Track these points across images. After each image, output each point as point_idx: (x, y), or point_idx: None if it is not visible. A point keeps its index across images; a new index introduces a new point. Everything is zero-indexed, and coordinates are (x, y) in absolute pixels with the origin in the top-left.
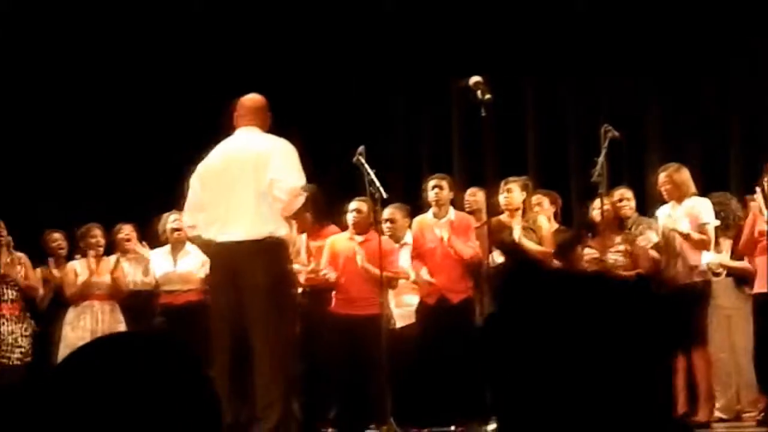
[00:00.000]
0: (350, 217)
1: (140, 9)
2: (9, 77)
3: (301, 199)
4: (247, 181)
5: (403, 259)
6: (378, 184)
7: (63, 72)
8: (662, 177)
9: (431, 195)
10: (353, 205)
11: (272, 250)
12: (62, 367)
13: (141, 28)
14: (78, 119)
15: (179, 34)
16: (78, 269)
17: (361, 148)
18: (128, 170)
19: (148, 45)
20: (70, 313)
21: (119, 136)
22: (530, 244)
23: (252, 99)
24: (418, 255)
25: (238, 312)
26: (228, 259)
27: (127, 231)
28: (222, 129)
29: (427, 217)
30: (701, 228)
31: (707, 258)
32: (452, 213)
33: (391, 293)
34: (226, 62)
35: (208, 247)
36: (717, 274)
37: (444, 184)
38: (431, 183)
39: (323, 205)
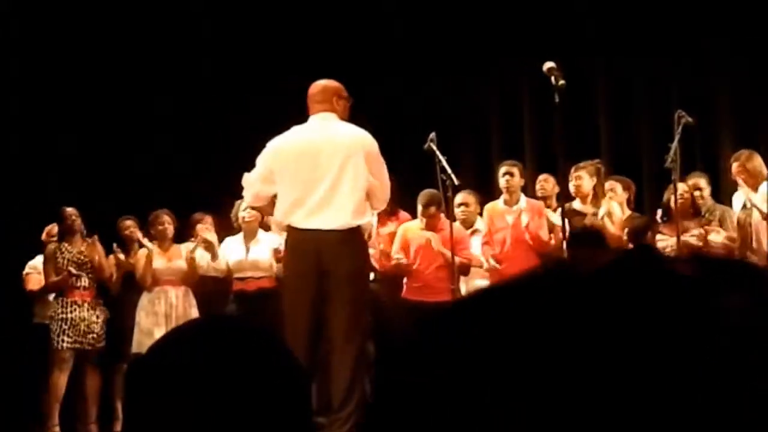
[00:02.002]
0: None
1: (137, 40)
2: (89, 66)
3: (389, 196)
4: (337, 170)
5: (475, 246)
6: (450, 171)
7: (59, 94)
8: (735, 166)
9: (502, 182)
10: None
11: (356, 240)
12: (157, 351)
13: (137, 57)
14: (78, 142)
15: (178, 63)
16: (149, 254)
17: (432, 135)
18: (203, 158)
19: (145, 73)
20: (144, 299)
21: (192, 125)
22: (610, 226)
23: (325, 84)
24: (488, 242)
25: (318, 299)
26: (313, 246)
27: (209, 221)
28: (297, 116)
29: (498, 204)
30: None
31: None
32: (523, 200)
33: (462, 280)
34: (229, 93)
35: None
36: None
37: (515, 170)
38: (502, 170)
39: (394, 193)
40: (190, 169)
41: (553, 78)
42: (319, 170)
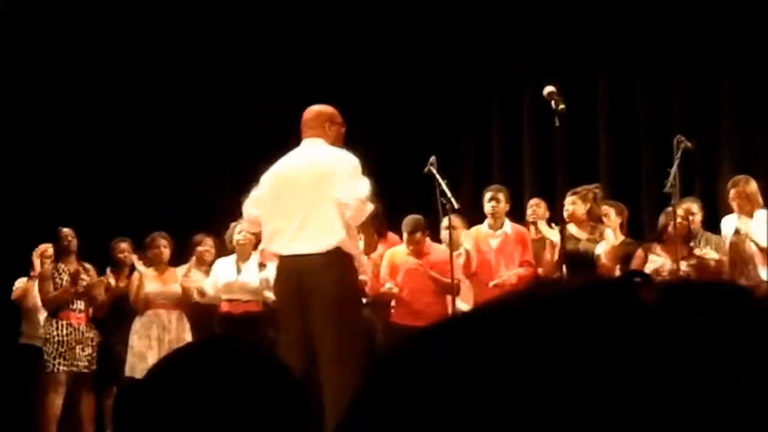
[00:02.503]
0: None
1: (137, 40)
2: (79, 84)
3: (369, 207)
4: (311, 195)
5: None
6: (449, 194)
7: (59, 94)
8: (733, 192)
9: (487, 207)
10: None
11: (340, 262)
12: (155, 375)
13: (137, 57)
14: (78, 142)
15: (178, 63)
16: (143, 277)
17: (432, 158)
18: (125, 195)
19: (145, 73)
20: (137, 323)
21: (192, 125)
22: (600, 252)
23: (312, 110)
24: (466, 264)
25: (307, 325)
26: (295, 271)
27: (209, 244)
28: (296, 116)
29: (483, 228)
30: None
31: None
32: (508, 226)
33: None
34: (229, 93)
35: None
36: None
37: (500, 196)
38: (488, 195)
39: (381, 218)
40: (190, 169)
41: (553, 102)
42: (297, 196)
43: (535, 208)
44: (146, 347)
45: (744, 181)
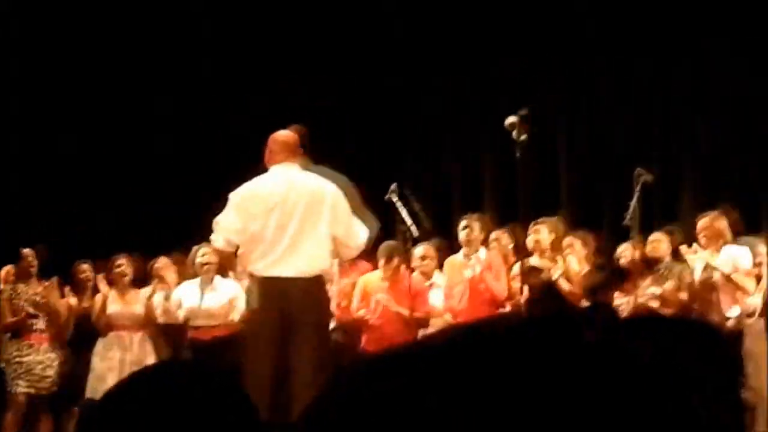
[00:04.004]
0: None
1: (137, 40)
2: (35, 106)
3: (362, 248)
4: (303, 221)
5: (435, 298)
6: (410, 222)
7: (59, 94)
8: (702, 223)
9: (461, 235)
10: (420, 251)
11: (320, 289)
12: (112, 397)
13: (137, 57)
14: (77, 142)
15: (178, 63)
16: (106, 298)
17: (393, 186)
18: (165, 201)
19: (145, 73)
20: (99, 344)
21: (154, 167)
22: (565, 285)
23: (284, 135)
24: (448, 295)
25: (283, 346)
26: (278, 294)
27: (165, 262)
28: (256, 162)
29: (458, 257)
30: (742, 274)
31: (737, 310)
32: (483, 253)
33: (422, 332)
34: (229, 93)
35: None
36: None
37: (474, 224)
38: (462, 223)
39: None
40: (189, 170)
41: (514, 133)
42: (283, 220)
43: (495, 242)
44: (107, 369)
45: (715, 216)
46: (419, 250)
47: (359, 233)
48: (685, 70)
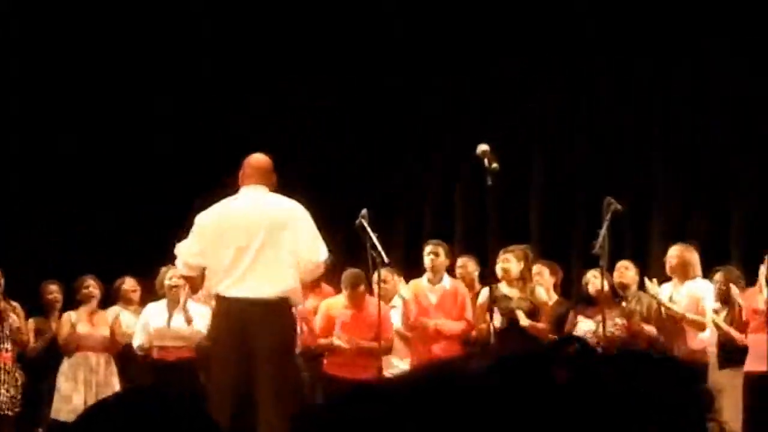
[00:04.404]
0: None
1: (137, 40)
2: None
3: (321, 269)
4: (269, 243)
5: (394, 319)
6: (380, 248)
7: (59, 94)
8: (673, 251)
9: (427, 261)
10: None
11: (283, 310)
12: (81, 424)
13: (137, 57)
14: (77, 142)
15: (178, 63)
16: (73, 320)
17: (363, 212)
18: (131, 222)
19: (145, 73)
20: (65, 365)
21: (117, 162)
22: (525, 321)
23: (259, 159)
24: (406, 314)
25: (245, 368)
26: (238, 315)
27: (131, 284)
28: (223, 184)
29: (422, 282)
30: (700, 310)
31: (704, 336)
32: (447, 281)
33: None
34: (229, 93)
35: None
36: None
37: (440, 251)
38: (427, 249)
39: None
40: (116, 233)
41: (486, 161)
42: (245, 240)
43: (461, 269)
44: (72, 390)
45: (686, 247)
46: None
47: (321, 248)
48: (685, 70)
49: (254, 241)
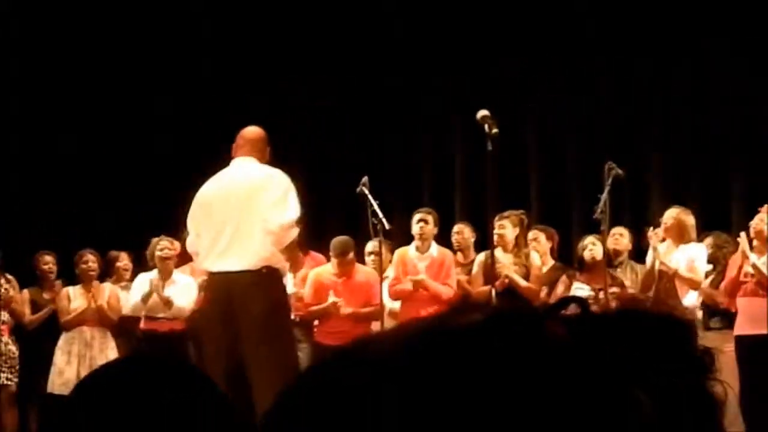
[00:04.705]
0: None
1: (137, 40)
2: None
3: (294, 232)
4: (243, 212)
5: (386, 292)
6: (381, 215)
7: (59, 94)
8: (669, 214)
9: (415, 228)
10: (370, 246)
11: (268, 281)
12: (79, 391)
13: (137, 57)
14: (77, 142)
15: (178, 63)
16: (71, 295)
17: (364, 179)
18: (125, 195)
19: (145, 73)
20: (62, 339)
21: (117, 162)
22: (518, 279)
23: (251, 131)
24: (394, 285)
25: (234, 342)
26: (224, 288)
27: (126, 260)
28: (221, 157)
29: (410, 250)
30: (693, 269)
31: (693, 298)
32: (434, 249)
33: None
34: (229, 93)
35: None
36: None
37: (429, 218)
38: (416, 217)
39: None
40: (112, 205)
41: (486, 126)
42: (226, 213)
43: (457, 235)
44: (66, 363)
45: (683, 210)
46: (370, 246)
47: (288, 210)
48: (686, 70)
49: (232, 214)
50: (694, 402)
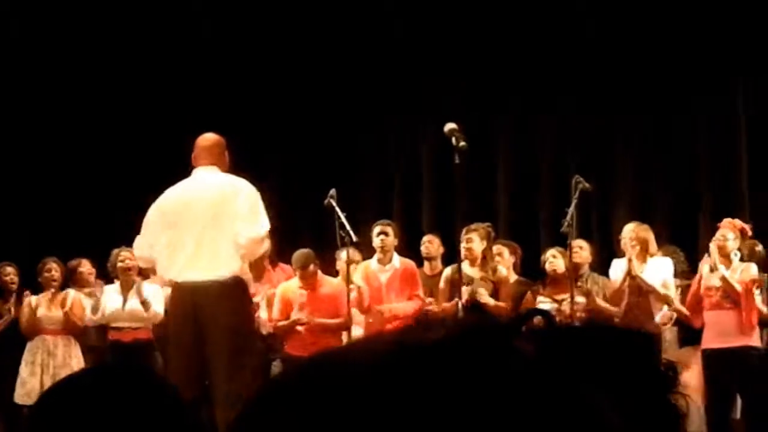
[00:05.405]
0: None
1: (109, 48)
2: None
3: (266, 245)
4: (211, 223)
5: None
6: (348, 227)
7: (24, 104)
8: (628, 232)
9: (376, 241)
10: (343, 255)
11: (237, 292)
12: (43, 402)
13: (107, 64)
14: (39, 151)
15: (145, 71)
16: (33, 303)
17: (332, 191)
18: (87, 204)
19: (114, 80)
20: (26, 349)
21: (79, 170)
22: (487, 299)
23: (207, 138)
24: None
25: (200, 352)
26: (190, 299)
27: (87, 266)
28: (183, 166)
29: (372, 263)
30: (666, 285)
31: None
32: (397, 260)
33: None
34: (195, 101)
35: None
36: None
37: (389, 230)
38: (377, 229)
39: (274, 246)
40: (73, 214)
41: (453, 139)
42: (193, 223)
43: (428, 244)
44: (30, 374)
45: (641, 226)
46: (345, 254)
47: (259, 223)
48: (621, 79)
49: (197, 224)
50: (658, 415)
